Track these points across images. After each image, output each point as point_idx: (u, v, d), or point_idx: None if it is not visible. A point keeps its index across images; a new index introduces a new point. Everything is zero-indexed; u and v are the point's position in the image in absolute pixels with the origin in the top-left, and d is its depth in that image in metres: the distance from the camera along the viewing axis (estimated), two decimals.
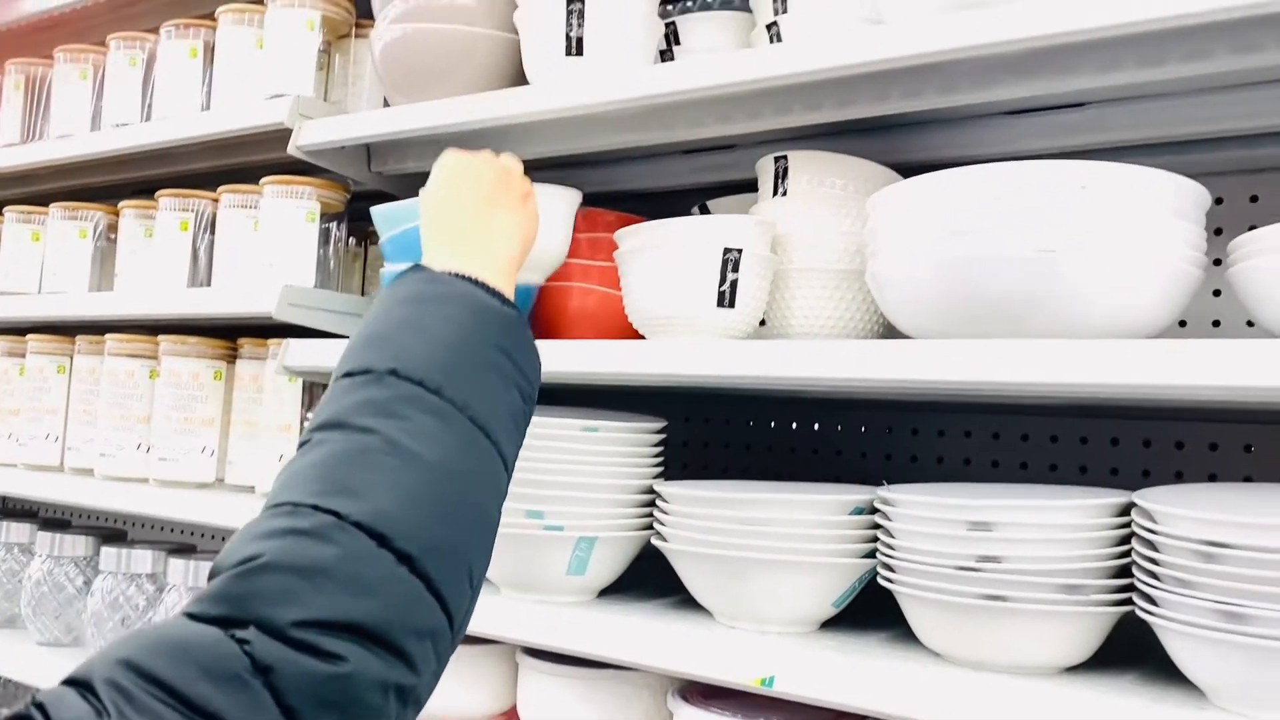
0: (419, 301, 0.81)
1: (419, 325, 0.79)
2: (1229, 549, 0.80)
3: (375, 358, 0.76)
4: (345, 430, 0.71)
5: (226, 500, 1.53)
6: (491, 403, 0.77)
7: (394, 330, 0.78)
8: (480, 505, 0.74)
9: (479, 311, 0.82)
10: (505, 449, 0.77)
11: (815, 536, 1.03)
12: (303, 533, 0.63)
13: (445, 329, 0.79)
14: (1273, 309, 0.86)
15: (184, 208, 1.68)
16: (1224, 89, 1.08)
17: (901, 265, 0.95)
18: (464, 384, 0.75)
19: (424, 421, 0.72)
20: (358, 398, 0.73)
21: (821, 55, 1.01)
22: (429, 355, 0.76)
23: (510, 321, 0.83)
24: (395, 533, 0.65)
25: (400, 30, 1.36)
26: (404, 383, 0.74)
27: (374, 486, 0.67)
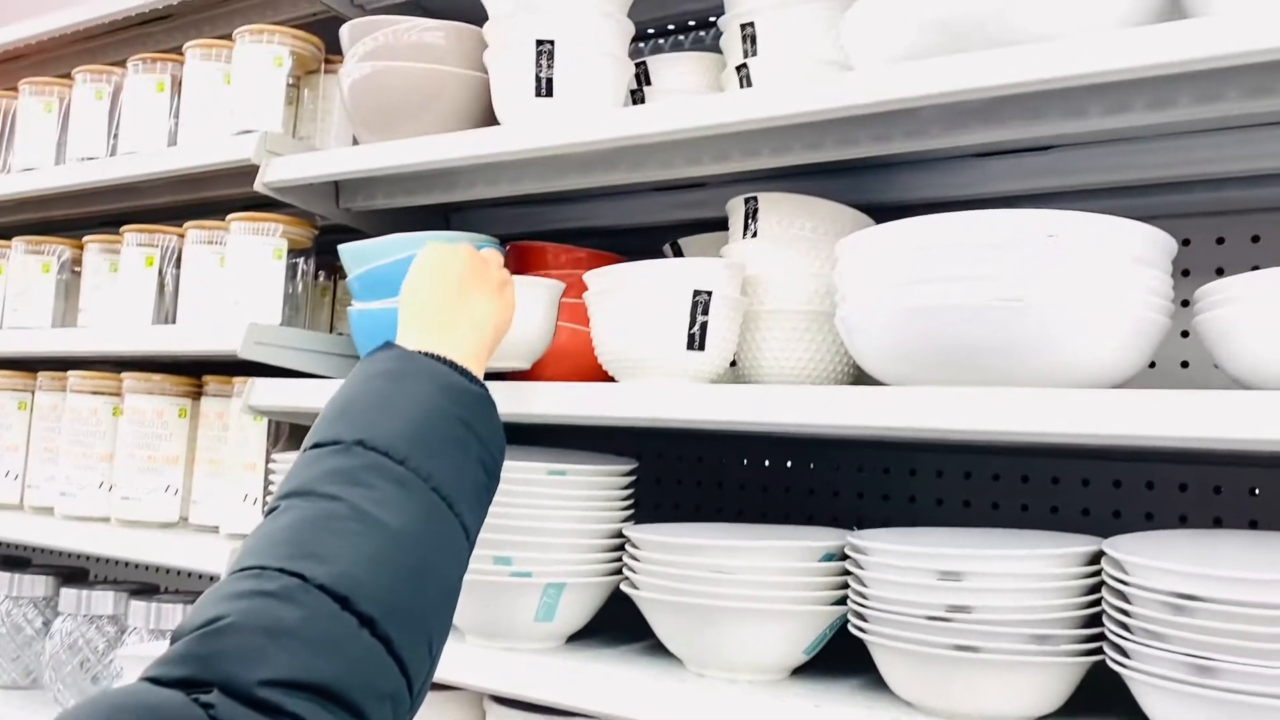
0: (389, 377, 0.84)
1: (388, 400, 0.82)
2: (1199, 601, 0.80)
3: (343, 429, 0.78)
4: (312, 498, 0.73)
5: (190, 540, 1.50)
6: (455, 475, 0.79)
7: (363, 404, 0.81)
8: (442, 573, 0.75)
9: (447, 388, 0.85)
10: (468, 520, 0.80)
11: (786, 584, 1.02)
12: (268, 594, 0.64)
13: (413, 404, 0.82)
14: (1237, 358, 0.86)
15: (149, 243, 1.66)
16: (1188, 134, 1.09)
17: (870, 311, 0.95)
18: (429, 456, 0.78)
19: (389, 490, 0.74)
20: (325, 467, 0.75)
21: (789, 101, 1.01)
22: (396, 428, 0.78)
23: (477, 399, 0.86)
24: (359, 595, 0.66)
25: (369, 68, 1.35)
26: (370, 453, 0.76)
27: (339, 551, 0.68)
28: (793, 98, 1.01)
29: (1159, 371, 1.21)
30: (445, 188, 1.46)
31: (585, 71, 1.21)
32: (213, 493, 1.56)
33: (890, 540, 0.97)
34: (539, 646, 1.17)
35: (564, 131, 1.17)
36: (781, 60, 1.17)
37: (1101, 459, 1.26)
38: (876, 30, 1.00)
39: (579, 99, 1.21)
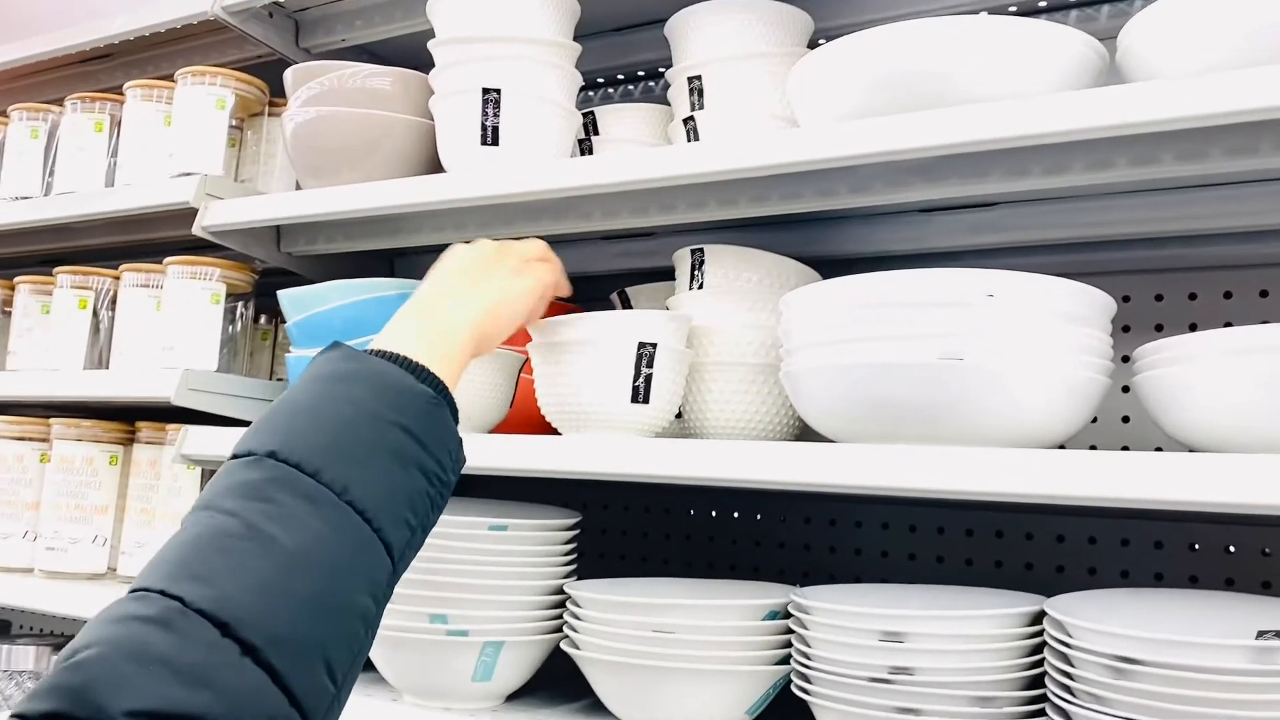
0: (324, 381, 0.78)
1: (315, 406, 0.76)
2: (1140, 665, 0.79)
3: (261, 440, 0.73)
4: (209, 513, 0.69)
5: (118, 593, 1.43)
6: (378, 487, 0.73)
7: (287, 412, 0.76)
8: (345, 595, 0.69)
9: (385, 390, 0.78)
10: (391, 535, 0.73)
11: (728, 644, 1.00)
12: (145, 619, 0.61)
13: (341, 409, 0.76)
14: (1174, 417, 0.87)
15: (83, 285, 1.61)
16: (1127, 194, 1.10)
17: (813, 367, 0.94)
18: (348, 466, 0.72)
19: (292, 506, 0.69)
20: (233, 480, 0.71)
21: (733, 156, 1.01)
22: (314, 438, 0.73)
23: (422, 399, 0.79)
24: (239, 621, 0.62)
25: (313, 112, 1.33)
26: (281, 465, 0.71)
27: (223, 572, 0.64)
28: (737, 153, 1.01)
29: (1101, 426, 1.22)
30: (389, 233, 1.44)
31: (531, 121, 1.20)
32: (143, 544, 1.51)
33: (833, 600, 0.96)
34: (477, 706, 1.14)
35: (509, 181, 1.16)
36: (728, 114, 1.18)
37: (1045, 514, 1.26)
38: (822, 88, 1.00)
39: (525, 148, 1.20)
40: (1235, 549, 1.15)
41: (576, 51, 1.25)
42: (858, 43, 0.96)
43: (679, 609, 1.01)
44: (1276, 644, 0.76)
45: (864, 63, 0.96)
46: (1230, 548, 1.16)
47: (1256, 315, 1.15)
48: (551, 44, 1.21)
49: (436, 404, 0.81)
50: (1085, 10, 1.22)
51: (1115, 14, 1.20)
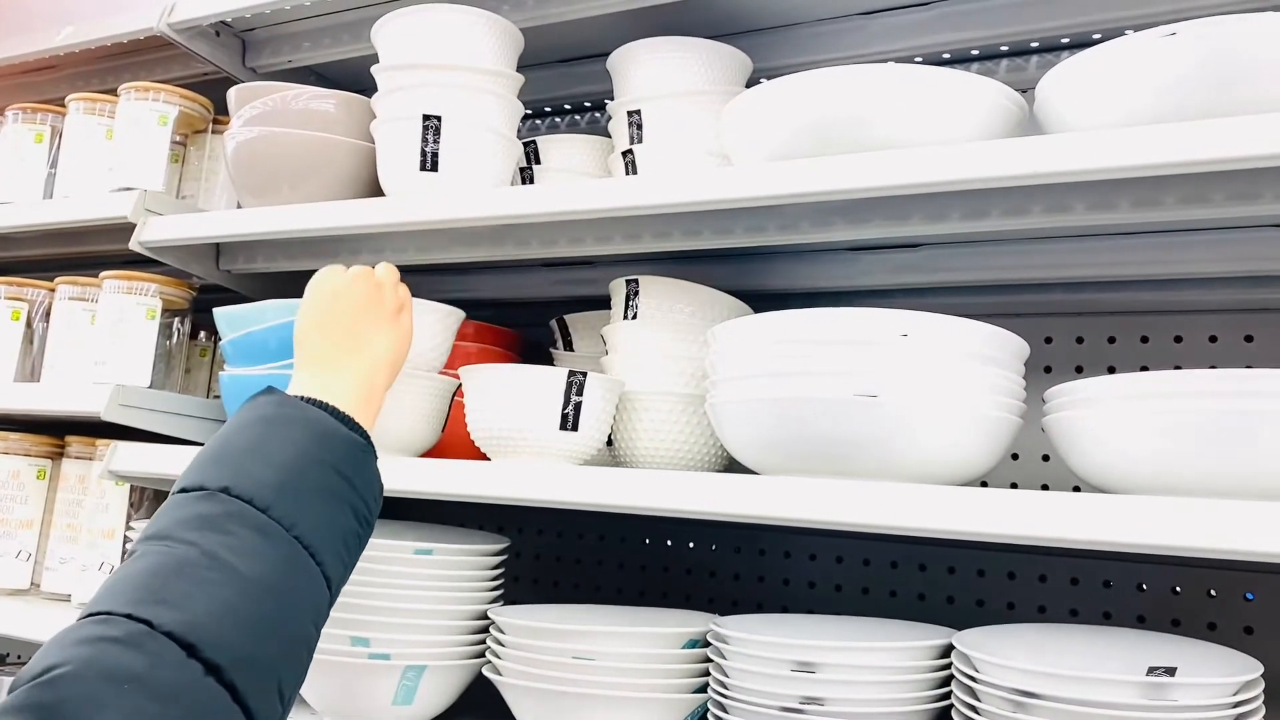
0: (264, 423, 0.84)
1: (259, 447, 0.81)
2: (1039, 699, 0.82)
3: (210, 475, 0.78)
4: (168, 542, 0.72)
5: (40, 609, 1.42)
6: (320, 524, 0.79)
7: (234, 450, 0.81)
8: (295, 621, 0.75)
9: (322, 436, 0.85)
10: (331, 570, 0.79)
11: (647, 671, 1.01)
12: (113, 640, 0.64)
13: (284, 450, 0.81)
14: (1078, 458, 0.89)
15: (18, 296, 1.59)
16: (1045, 239, 1.14)
17: (736, 399, 0.96)
18: (294, 504, 0.78)
19: (247, 538, 0.74)
20: (187, 512, 0.75)
21: (666, 190, 1.03)
22: (263, 475, 0.78)
23: (352, 446, 0.86)
24: (205, 643, 0.66)
25: (255, 132, 1.33)
26: (234, 500, 0.76)
27: (189, 598, 0.68)
28: (670, 188, 1.03)
29: (1022, 464, 1.25)
30: (329, 254, 1.44)
31: (471, 148, 1.22)
32: (67, 559, 1.49)
33: (748, 629, 0.97)
34: None
35: (447, 207, 1.17)
36: (666, 148, 1.20)
37: (967, 548, 1.29)
38: (752, 129, 1.03)
39: (464, 175, 1.21)
40: (1147, 586, 1.19)
41: (519, 81, 1.27)
42: (784, 86, 0.98)
43: (599, 636, 1.02)
44: (1165, 679, 0.79)
45: (790, 106, 0.98)
46: (1143, 585, 1.19)
47: (1172, 359, 1.19)
48: (493, 73, 1.23)
49: (365, 450, 0.87)
50: (1015, 60, 1.27)
51: (1043, 64, 1.24)
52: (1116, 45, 0.88)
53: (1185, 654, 0.90)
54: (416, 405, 1.18)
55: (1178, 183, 0.94)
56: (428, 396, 1.19)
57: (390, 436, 1.18)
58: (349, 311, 1.00)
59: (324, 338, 0.98)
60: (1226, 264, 1.10)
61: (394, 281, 1.08)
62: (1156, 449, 0.82)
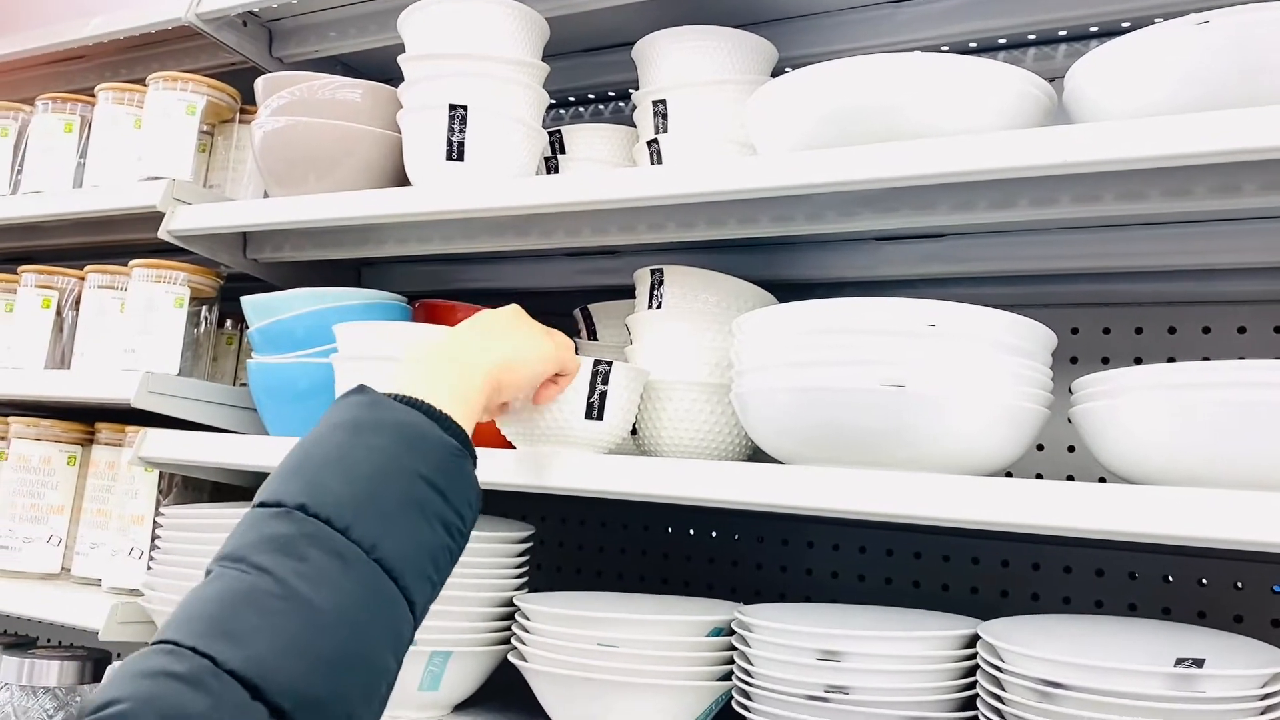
0: (350, 428, 0.77)
1: (342, 456, 0.75)
2: (1065, 689, 0.82)
3: (289, 489, 0.73)
4: (241, 566, 0.68)
5: (71, 594, 1.44)
6: (405, 543, 0.73)
7: (315, 461, 0.75)
8: (371, 655, 0.69)
9: (412, 440, 0.78)
10: (415, 593, 0.73)
11: (672, 659, 1.01)
12: (176, 676, 0.61)
13: (369, 460, 0.75)
14: (1108, 449, 0.89)
15: (48, 284, 1.61)
16: (1073, 230, 1.13)
17: (762, 388, 0.96)
18: (377, 523, 0.72)
19: (323, 564, 0.69)
20: (263, 532, 0.70)
21: (691, 180, 1.03)
22: (344, 490, 0.73)
23: (446, 451, 0.78)
24: (270, 684, 0.62)
25: (283, 122, 1.34)
26: (311, 520, 0.70)
27: (256, 632, 0.64)
28: (694, 178, 1.03)
29: (1047, 454, 1.24)
30: (355, 243, 1.45)
31: (497, 138, 1.22)
32: (97, 544, 1.51)
33: (774, 618, 0.98)
34: (423, 716, 1.14)
35: (472, 196, 1.17)
36: (691, 138, 1.20)
37: (990, 539, 1.28)
38: (778, 118, 1.03)
39: (490, 165, 1.22)
40: (1173, 578, 1.18)
41: (544, 71, 1.27)
42: (811, 76, 0.98)
43: (624, 623, 1.02)
44: (1193, 671, 0.78)
45: (816, 95, 0.98)
46: (1169, 577, 1.19)
47: (1200, 350, 1.19)
48: (519, 63, 1.23)
49: (460, 455, 0.80)
50: (1043, 49, 1.26)
51: (1071, 53, 1.23)
52: (1148, 33, 0.87)
53: (1213, 645, 0.90)
54: None
55: (1209, 172, 0.94)
56: None
57: None
58: (497, 317, 0.95)
59: (455, 333, 0.92)
60: (1256, 254, 1.09)
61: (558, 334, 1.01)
62: (1185, 440, 0.82)
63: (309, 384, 1.29)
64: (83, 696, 1.49)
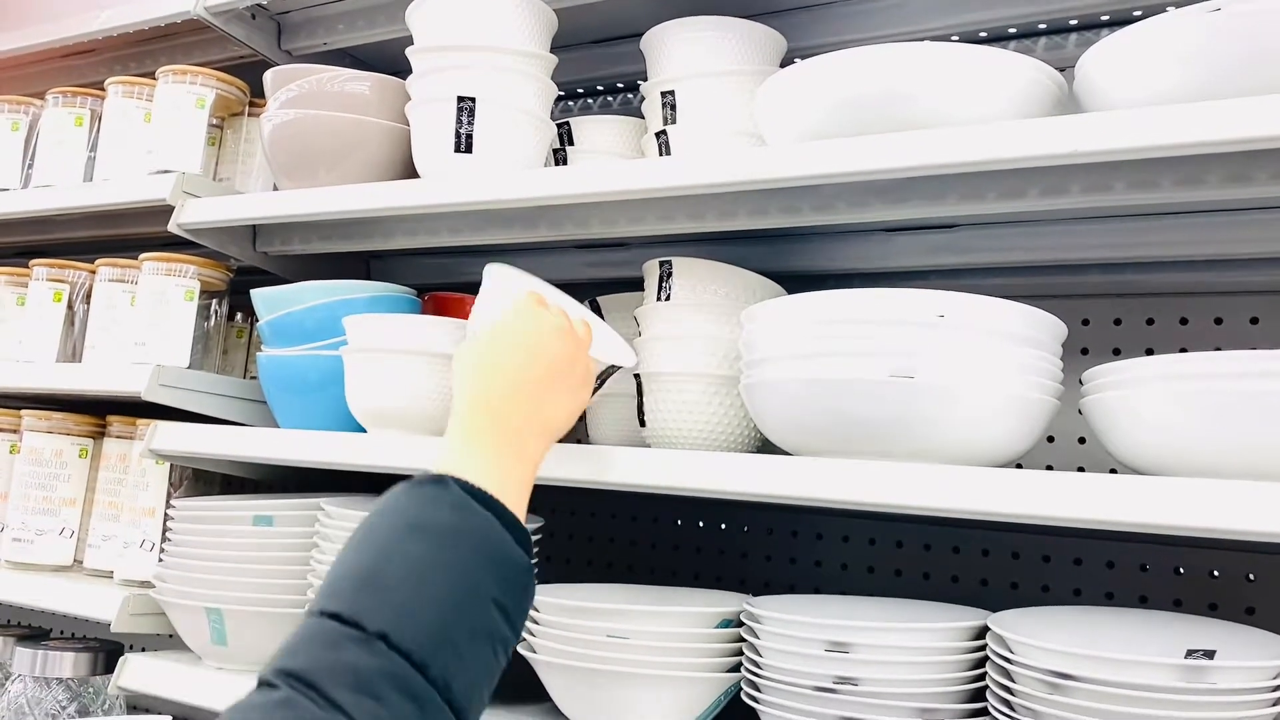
0: (435, 539, 0.75)
1: (424, 575, 0.73)
2: (1075, 680, 0.81)
3: (369, 609, 0.70)
4: (314, 696, 0.65)
5: (83, 586, 1.45)
6: (474, 676, 0.72)
7: (397, 574, 0.73)
8: None
9: (493, 562, 0.76)
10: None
11: (681, 650, 1.01)
12: None
13: (451, 583, 0.73)
14: (1119, 440, 0.89)
15: (59, 278, 1.62)
16: (1083, 220, 1.13)
17: (771, 379, 0.96)
18: (453, 659, 0.71)
19: (401, 709, 0.67)
20: (340, 658, 0.68)
21: (700, 171, 1.03)
22: (425, 619, 0.71)
23: (519, 570, 0.78)
24: None
25: (291, 114, 1.34)
26: (392, 654, 0.68)
27: None
28: (704, 169, 1.03)
29: (1057, 446, 1.24)
30: (364, 236, 1.45)
31: (505, 130, 1.22)
32: (109, 537, 1.52)
33: (782, 609, 0.98)
34: None
35: (480, 188, 1.17)
36: (699, 129, 1.19)
37: (1001, 531, 1.28)
38: (787, 108, 1.02)
39: (498, 157, 1.22)
40: (1184, 570, 1.18)
41: (552, 63, 1.27)
42: (821, 65, 0.98)
43: (633, 615, 1.02)
44: (1204, 663, 0.78)
45: (827, 84, 0.98)
46: (1180, 569, 1.18)
47: (1212, 341, 1.18)
48: (527, 54, 1.23)
49: (529, 573, 0.79)
50: (1053, 38, 1.25)
51: (1081, 42, 1.23)
52: (1160, 21, 0.87)
53: (1224, 637, 0.90)
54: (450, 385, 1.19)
55: (1221, 161, 0.93)
56: None
57: (425, 417, 1.19)
58: (546, 374, 0.90)
59: (513, 396, 0.88)
60: (1269, 244, 1.08)
61: (589, 334, 0.98)
62: (1197, 431, 0.81)
63: (319, 376, 1.29)
64: (95, 688, 1.50)
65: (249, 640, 1.26)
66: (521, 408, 0.88)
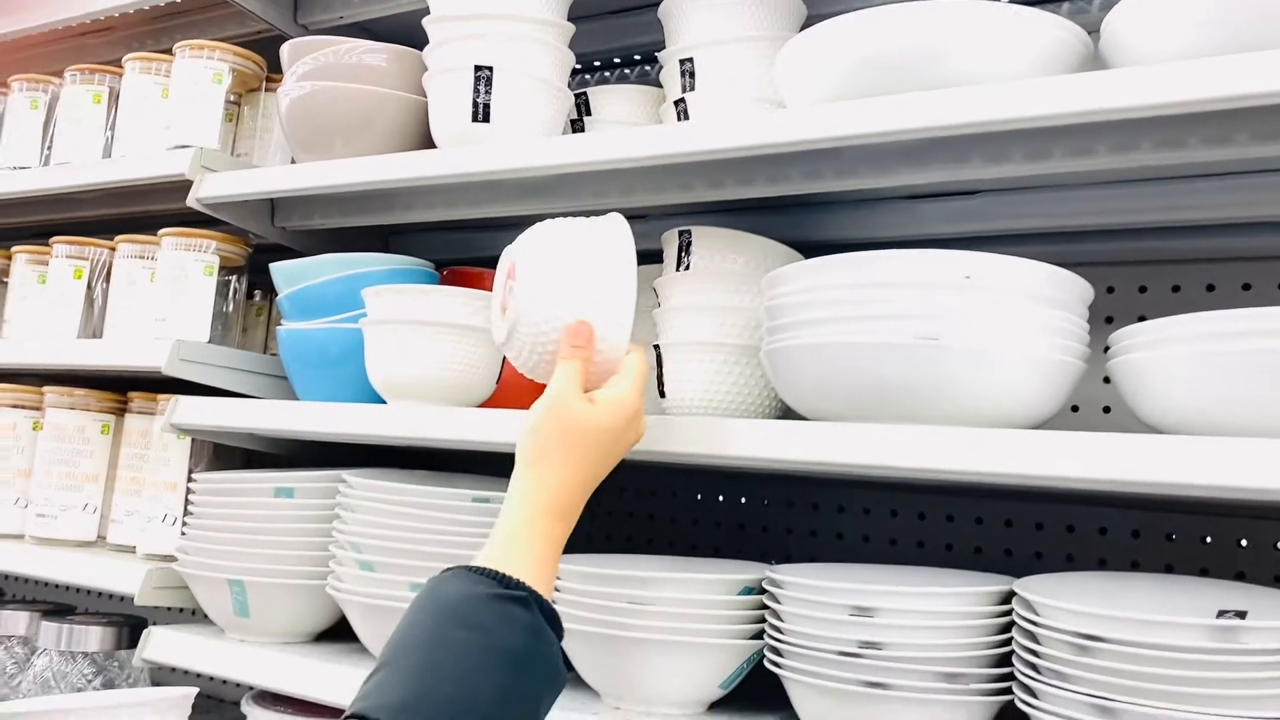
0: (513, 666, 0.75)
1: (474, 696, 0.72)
2: (1102, 642, 0.80)
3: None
4: None
5: (107, 560, 1.46)
6: None
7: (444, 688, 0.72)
8: None
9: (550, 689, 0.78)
10: None
11: (703, 616, 1.01)
12: None
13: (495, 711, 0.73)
14: (1147, 401, 0.88)
15: (79, 255, 1.63)
16: (1108, 184, 1.11)
17: (793, 345, 0.95)
18: None
19: None
20: None
21: (719, 135, 1.02)
22: None
23: (561, 684, 0.80)
24: None
25: (308, 87, 1.34)
26: None
27: None
28: (722, 133, 1.02)
29: (1081, 415, 1.23)
30: (382, 209, 1.45)
31: (523, 99, 1.21)
32: (132, 512, 1.53)
33: (805, 575, 0.97)
34: None
35: (498, 157, 1.17)
36: (718, 96, 1.18)
37: (1024, 500, 1.27)
38: (807, 70, 1.01)
39: (516, 126, 1.21)
40: (1211, 539, 1.16)
41: (569, 31, 1.26)
42: (843, 24, 0.97)
43: (655, 582, 1.02)
44: (1236, 623, 0.77)
45: (849, 44, 0.97)
46: (1207, 538, 1.17)
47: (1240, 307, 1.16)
48: (544, 22, 1.22)
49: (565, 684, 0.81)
50: (1076, 3, 1.23)
51: (1105, 5, 1.20)
52: None
53: (1254, 600, 0.88)
54: (473, 358, 1.19)
55: (1250, 117, 0.91)
56: (482, 348, 1.19)
57: (445, 387, 1.19)
58: (616, 453, 0.93)
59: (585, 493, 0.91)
60: None
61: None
62: (1227, 391, 0.80)
63: (339, 349, 1.29)
64: (120, 662, 1.51)
65: (271, 611, 1.26)
66: (585, 496, 0.91)
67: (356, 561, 1.16)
